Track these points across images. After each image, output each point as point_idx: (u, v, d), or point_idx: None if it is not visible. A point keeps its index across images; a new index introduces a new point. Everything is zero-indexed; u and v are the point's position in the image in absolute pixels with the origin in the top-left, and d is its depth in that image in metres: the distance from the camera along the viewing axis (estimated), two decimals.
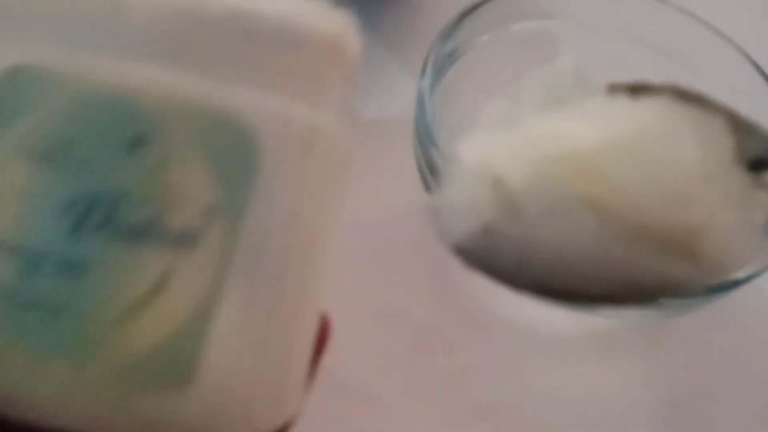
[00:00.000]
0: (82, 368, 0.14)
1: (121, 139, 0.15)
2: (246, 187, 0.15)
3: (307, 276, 0.16)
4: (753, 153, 0.16)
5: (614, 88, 0.16)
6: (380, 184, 0.31)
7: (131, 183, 0.14)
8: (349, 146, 0.17)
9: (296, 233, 0.16)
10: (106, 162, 0.15)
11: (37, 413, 0.15)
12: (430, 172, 0.27)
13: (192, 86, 0.15)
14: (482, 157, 0.14)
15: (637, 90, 0.16)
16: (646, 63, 0.33)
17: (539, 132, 0.14)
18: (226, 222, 0.15)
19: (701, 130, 0.15)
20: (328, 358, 0.28)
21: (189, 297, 0.15)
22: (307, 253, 0.16)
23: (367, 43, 0.18)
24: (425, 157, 0.27)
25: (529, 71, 0.17)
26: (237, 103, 0.15)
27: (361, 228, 0.30)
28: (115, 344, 0.14)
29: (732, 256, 0.15)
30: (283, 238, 0.16)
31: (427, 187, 0.27)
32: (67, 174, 0.14)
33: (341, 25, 0.16)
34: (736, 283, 0.25)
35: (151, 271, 0.14)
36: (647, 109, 0.14)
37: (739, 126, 0.16)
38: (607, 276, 0.15)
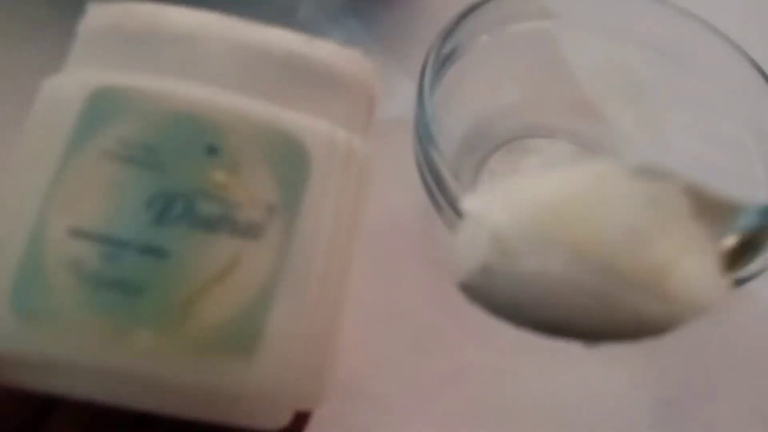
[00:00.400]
0: (162, 339, 0.16)
1: (199, 147, 0.18)
2: (299, 191, 0.18)
3: (344, 269, 0.19)
4: (710, 214, 0.19)
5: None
6: (380, 184, 0.31)
7: (206, 182, 0.17)
8: (371, 163, 0.20)
9: (337, 231, 0.19)
10: (185, 165, 0.17)
11: (127, 389, 0.17)
12: (430, 172, 0.27)
13: (258, 107, 0.18)
14: (482, 209, 0.18)
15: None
16: (646, 63, 0.33)
17: (528, 187, 0.18)
18: (284, 219, 0.18)
19: (656, 190, 0.18)
20: None
21: (253, 280, 0.17)
22: (344, 249, 0.19)
23: (367, 43, 0.19)
24: (425, 157, 0.27)
25: (528, 159, 0.20)
26: (293, 123, 0.18)
27: (360, 228, 0.30)
28: (191, 318, 0.17)
29: (696, 295, 0.18)
30: (327, 234, 0.19)
31: (427, 188, 0.27)
32: (150, 174, 0.17)
33: (370, 68, 0.21)
34: (735, 284, 0.25)
35: (222, 257, 0.17)
36: (611, 171, 0.18)
37: (694, 191, 0.19)
38: (588, 312, 0.17)
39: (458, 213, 0.25)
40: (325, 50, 0.20)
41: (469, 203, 0.18)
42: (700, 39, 0.32)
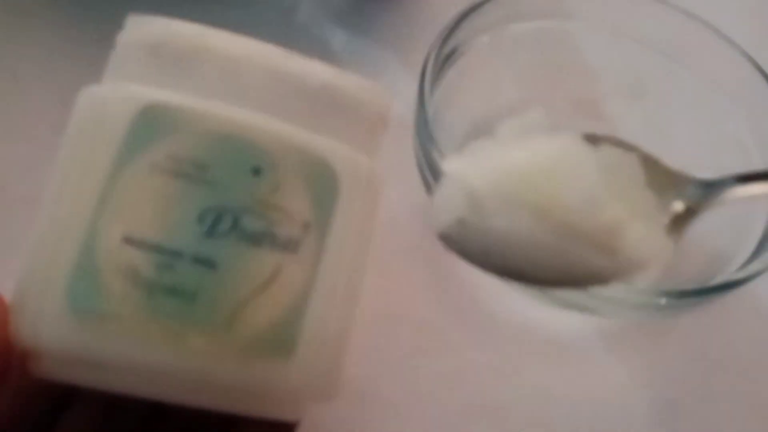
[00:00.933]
0: (213, 342, 0.18)
1: (245, 166, 0.19)
2: (330, 210, 0.20)
3: (360, 278, 0.21)
4: (661, 184, 0.22)
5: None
6: None
7: (252, 200, 0.19)
8: (382, 184, 0.22)
9: (360, 245, 0.21)
10: (233, 183, 0.19)
11: (176, 387, 0.19)
12: (430, 172, 0.27)
13: (295, 133, 0.20)
14: (460, 170, 0.21)
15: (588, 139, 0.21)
16: (646, 63, 0.33)
17: (501, 154, 0.21)
18: (316, 235, 0.20)
19: (615, 160, 0.21)
20: None
21: (291, 290, 0.19)
22: (363, 261, 0.21)
23: (367, 43, 0.19)
24: (425, 157, 0.27)
25: (503, 121, 0.22)
26: (325, 149, 0.20)
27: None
28: (238, 323, 0.18)
29: (643, 253, 0.20)
30: (352, 248, 0.20)
31: (427, 187, 0.27)
32: (201, 190, 0.19)
33: (387, 99, 0.22)
34: (735, 284, 0.25)
35: (265, 268, 0.19)
36: (574, 143, 0.21)
37: (650, 162, 0.23)
38: (546, 264, 0.20)
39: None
40: (352, 82, 0.21)
41: (449, 164, 0.21)
42: (701, 39, 0.32)
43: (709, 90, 0.32)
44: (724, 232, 0.26)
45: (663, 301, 0.25)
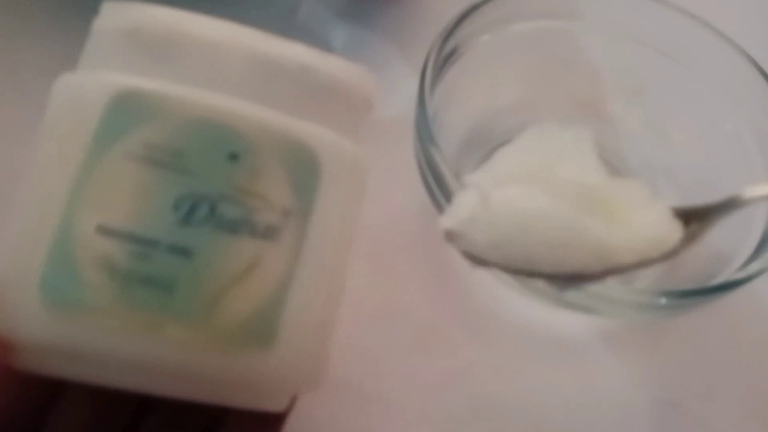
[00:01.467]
0: (191, 332, 0.18)
1: (222, 153, 0.19)
2: (311, 196, 0.19)
3: (345, 265, 0.21)
4: None
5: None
6: (380, 184, 0.31)
7: (229, 187, 0.18)
8: (368, 168, 0.21)
9: (343, 232, 0.20)
10: (210, 170, 0.18)
11: (155, 378, 0.18)
12: (430, 171, 0.27)
13: (275, 117, 0.19)
14: (473, 179, 0.22)
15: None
16: (646, 63, 0.33)
17: (508, 164, 0.23)
18: (298, 222, 0.19)
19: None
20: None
21: (271, 278, 0.19)
22: (347, 247, 0.21)
23: (367, 43, 0.19)
24: (426, 157, 0.27)
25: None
26: (306, 133, 0.20)
27: (361, 227, 0.30)
28: (217, 313, 0.18)
29: (654, 234, 0.22)
30: (335, 234, 0.20)
31: (427, 187, 0.27)
32: (177, 177, 0.18)
33: (371, 82, 0.22)
34: (735, 284, 0.25)
35: (244, 256, 0.18)
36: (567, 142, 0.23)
37: None
38: (556, 244, 0.21)
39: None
40: (335, 65, 0.21)
41: (467, 179, 0.23)
42: (701, 39, 0.32)
43: (709, 90, 0.32)
44: (724, 232, 0.26)
45: (663, 301, 0.25)
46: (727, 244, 0.28)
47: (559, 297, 0.26)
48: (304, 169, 0.19)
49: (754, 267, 0.26)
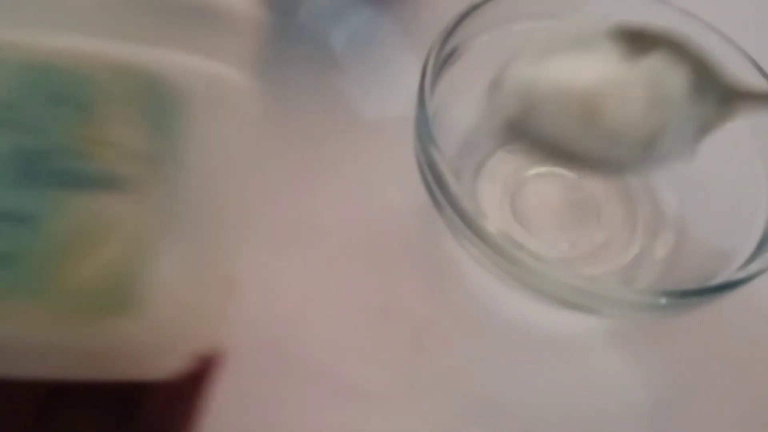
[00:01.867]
0: (39, 306, 0.16)
1: (61, 101, 0.16)
2: (177, 137, 0.17)
3: (242, 210, 0.18)
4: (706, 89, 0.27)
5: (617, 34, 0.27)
6: (380, 184, 0.31)
7: (72, 138, 0.16)
8: (260, 101, 0.19)
9: (224, 180, 0.18)
10: (47, 122, 0.16)
11: (15, 360, 0.16)
12: (430, 171, 0.27)
13: (124, 52, 0.17)
14: (522, 73, 0.26)
15: (636, 37, 0.27)
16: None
17: (555, 69, 0.27)
18: (162, 170, 0.17)
19: (659, 71, 0.27)
20: (327, 357, 0.28)
21: (132, 237, 0.16)
22: (239, 190, 0.18)
23: (367, 44, 0.18)
24: (426, 157, 0.27)
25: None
26: (164, 66, 0.17)
27: (360, 227, 0.30)
28: (67, 279, 0.16)
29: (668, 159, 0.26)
30: (212, 183, 0.17)
31: (427, 187, 0.27)
32: (8, 133, 0.16)
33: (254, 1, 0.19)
34: (735, 284, 0.25)
35: (94, 215, 0.16)
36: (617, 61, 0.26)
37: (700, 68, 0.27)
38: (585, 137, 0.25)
39: (460, 214, 0.26)
40: None
41: (509, 68, 0.26)
42: (701, 39, 0.31)
43: None
44: (724, 232, 0.26)
45: (663, 301, 0.25)
46: (727, 244, 0.28)
47: (559, 297, 0.26)
48: (164, 106, 0.17)
49: (754, 267, 0.26)
